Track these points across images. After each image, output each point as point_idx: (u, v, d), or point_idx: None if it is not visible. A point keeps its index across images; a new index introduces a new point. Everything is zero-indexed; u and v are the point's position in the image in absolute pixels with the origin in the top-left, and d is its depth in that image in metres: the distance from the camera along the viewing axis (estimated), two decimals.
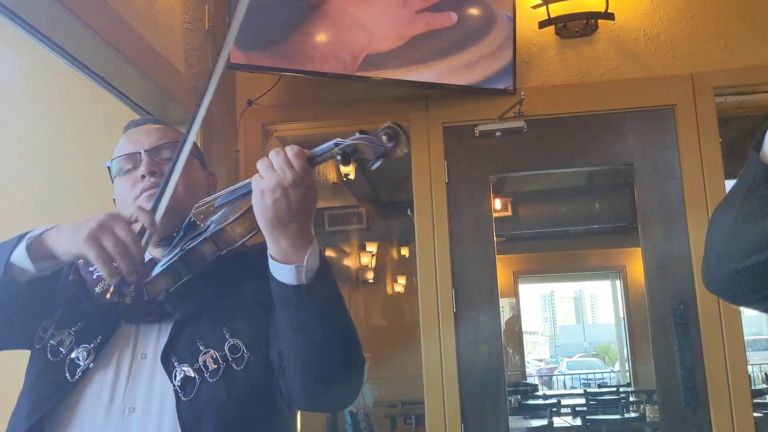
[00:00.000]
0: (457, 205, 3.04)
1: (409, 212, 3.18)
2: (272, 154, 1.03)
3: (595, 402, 7.16)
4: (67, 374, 1.13)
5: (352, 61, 2.74)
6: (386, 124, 1.01)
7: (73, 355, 1.15)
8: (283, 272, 1.05)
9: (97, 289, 1.16)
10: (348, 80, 2.80)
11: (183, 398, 1.09)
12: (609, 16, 2.96)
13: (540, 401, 7.73)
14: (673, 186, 2.94)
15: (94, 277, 1.17)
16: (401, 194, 6.41)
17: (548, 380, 13.56)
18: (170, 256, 1.13)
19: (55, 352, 1.16)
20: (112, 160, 1.29)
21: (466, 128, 3.06)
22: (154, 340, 1.17)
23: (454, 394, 2.88)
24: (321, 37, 2.74)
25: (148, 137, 1.29)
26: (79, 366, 1.13)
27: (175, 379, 1.11)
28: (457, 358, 2.91)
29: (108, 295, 1.09)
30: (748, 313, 10.59)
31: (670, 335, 2.85)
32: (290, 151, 1.02)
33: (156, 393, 1.11)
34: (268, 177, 1.01)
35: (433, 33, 2.84)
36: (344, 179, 5.44)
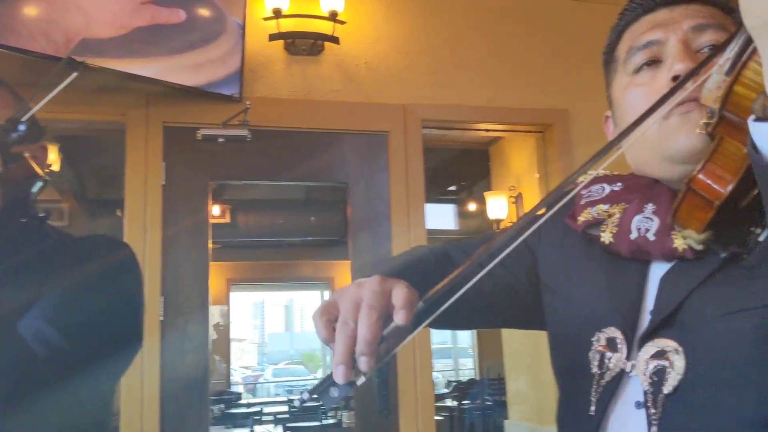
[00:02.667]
0: (173, 208, 2.93)
1: (118, 212, 2.98)
2: None
3: (297, 409, 7.37)
4: None
5: (66, 43, 2.51)
6: None
7: None
8: None
9: None
10: (58, 63, 2.55)
11: None
12: (335, 39, 3.10)
13: (243, 410, 7.74)
14: (381, 205, 3.16)
15: None
16: (112, 192, 6.01)
17: (253, 388, 13.64)
18: None
19: None
20: None
21: (189, 131, 2.97)
22: None
23: (155, 405, 2.76)
24: (31, 12, 2.47)
25: None
26: None
27: None
28: (161, 367, 2.79)
29: None
30: None
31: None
32: None
33: None
34: None
35: (159, 28, 2.72)
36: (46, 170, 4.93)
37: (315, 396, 0.69)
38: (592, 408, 0.81)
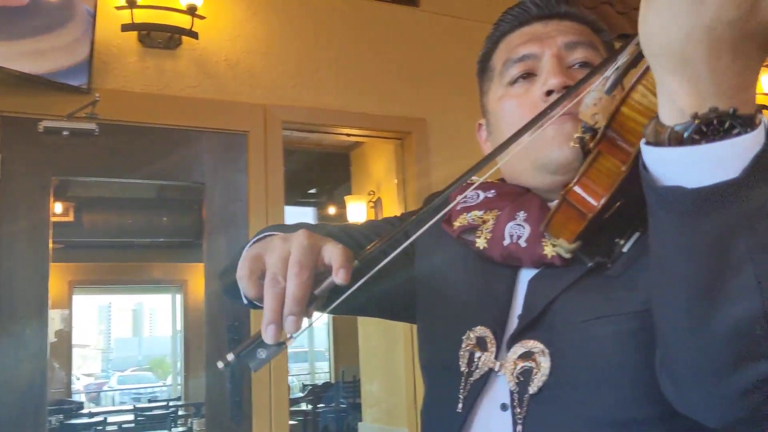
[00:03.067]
0: (10, 205, 2.71)
1: None
2: None
3: (144, 417, 7.05)
4: None
5: None
6: None
7: None
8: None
9: None
10: None
11: None
12: (193, 34, 3.00)
13: (85, 420, 7.30)
14: (239, 207, 3.09)
15: None
16: None
17: (96, 396, 12.90)
18: None
19: None
20: None
21: (29, 122, 2.76)
22: None
23: None
24: None
25: None
26: None
27: None
28: None
29: None
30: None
31: (223, 350, 2.96)
32: None
33: None
34: None
35: None
36: None
37: (241, 356, 0.65)
38: (459, 406, 0.83)
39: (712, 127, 0.53)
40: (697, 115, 0.53)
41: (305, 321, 0.65)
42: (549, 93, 0.87)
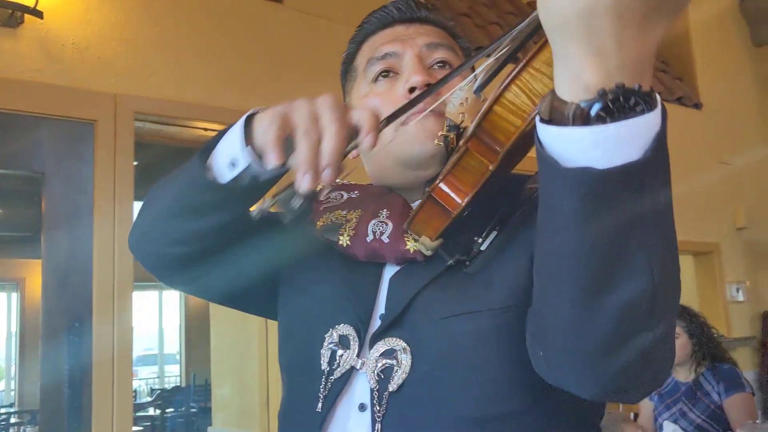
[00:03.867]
0: None
1: None
2: None
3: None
4: None
5: None
6: None
7: None
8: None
9: None
10: None
11: None
12: (38, 13, 2.78)
13: None
14: (83, 200, 2.90)
15: None
16: None
17: None
18: None
19: None
20: None
21: None
22: None
23: None
24: None
25: None
26: None
27: None
28: None
29: None
30: (140, 332, 11.15)
31: (62, 353, 2.77)
32: None
33: None
34: None
35: None
36: None
37: (278, 201, 0.65)
38: (319, 405, 0.81)
39: (618, 104, 0.51)
40: (605, 91, 0.50)
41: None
42: (412, 90, 0.88)
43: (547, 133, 0.54)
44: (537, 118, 0.55)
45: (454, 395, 0.76)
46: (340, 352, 0.83)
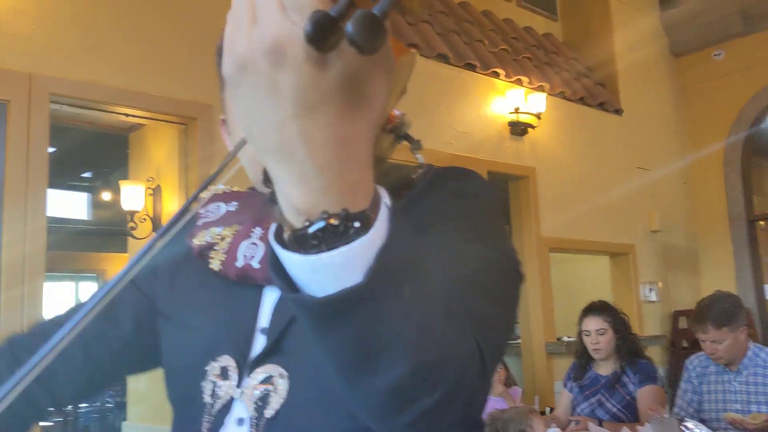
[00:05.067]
0: None
1: None
2: None
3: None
4: None
5: None
6: None
7: None
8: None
9: None
10: None
11: None
12: None
13: None
14: None
15: None
16: None
17: None
18: None
19: None
20: None
21: None
22: None
23: None
24: None
25: None
26: None
27: None
28: None
29: None
30: None
31: None
32: None
33: None
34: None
35: None
36: None
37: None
38: None
39: (327, 232, 0.48)
40: (310, 221, 0.49)
41: None
42: None
43: (278, 252, 0.52)
44: (270, 236, 0.53)
45: (327, 420, 0.75)
46: (220, 383, 0.81)
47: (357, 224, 0.49)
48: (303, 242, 0.49)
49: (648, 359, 3.34)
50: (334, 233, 0.49)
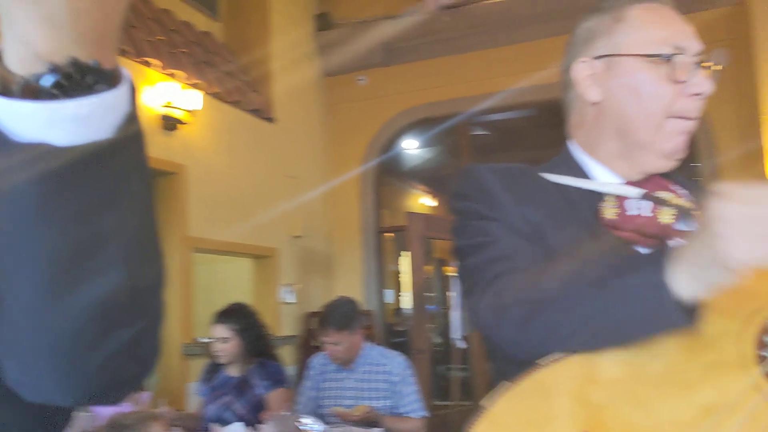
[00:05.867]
0: None
1: None
2: None
3: None
4: None
5: None
6: None
7: None
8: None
9: None
10: None
11: None
12: None
13: None
14: None
15: None
16: None
17: None
18: None
19: None
20: None
21: None
22: None
23: None
24: None
25: None
26: None
27: None
28: None
29: None
30: None
31: None
32: None
33: None
34: None
35: None
36: None
37: None
38: None
39: (72, 80, 0.46)
40: (57, 66, 0.46)
41: None
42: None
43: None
44: None
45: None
46: None
47: (103, 79, 0.48)
48: (40, 90, 0.46)
49: (278, 361, 3.47)
50: (80, 84, 0.47)
